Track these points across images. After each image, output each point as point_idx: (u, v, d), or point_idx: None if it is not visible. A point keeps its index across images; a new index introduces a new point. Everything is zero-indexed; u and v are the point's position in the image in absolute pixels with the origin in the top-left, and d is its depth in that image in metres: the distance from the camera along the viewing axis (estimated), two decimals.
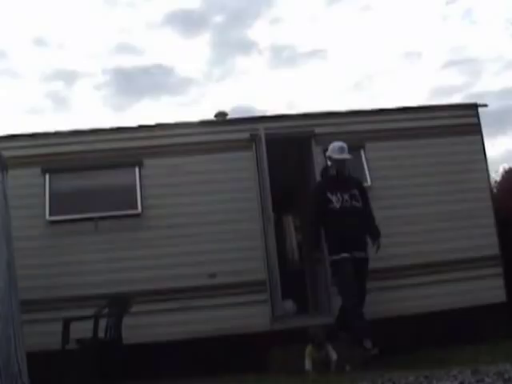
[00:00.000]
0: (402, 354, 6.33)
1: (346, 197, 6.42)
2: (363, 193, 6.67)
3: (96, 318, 6.24)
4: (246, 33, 31.88)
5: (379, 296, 7.14)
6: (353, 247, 6.27)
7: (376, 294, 6.93)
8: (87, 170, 7.77)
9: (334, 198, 6.39)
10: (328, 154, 6.72)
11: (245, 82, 33.81)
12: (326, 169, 6.84)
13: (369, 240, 6.56)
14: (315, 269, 8.44)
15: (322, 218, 6.48)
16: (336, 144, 6.62)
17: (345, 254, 6.23)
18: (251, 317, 7.36)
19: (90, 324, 6.12)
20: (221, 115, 8.72)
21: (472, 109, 8.44)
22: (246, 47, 31.12)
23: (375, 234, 6.54)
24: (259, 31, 31.29)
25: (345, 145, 6.63)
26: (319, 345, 5.96)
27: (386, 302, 7.28)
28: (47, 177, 7.68)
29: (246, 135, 7.99)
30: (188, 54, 30.38)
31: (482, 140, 8.39)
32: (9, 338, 5.49)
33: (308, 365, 5.88)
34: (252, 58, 32.09)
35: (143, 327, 6.96)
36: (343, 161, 6.59)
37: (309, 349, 5.98)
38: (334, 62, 32.18)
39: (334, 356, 5.89)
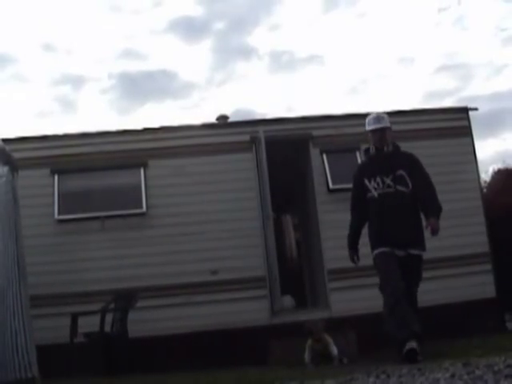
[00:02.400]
0: (395, 347, 6.31)
1: (388, 181, 4.82)
2: (415, 170, 4.91)
3: (103, 312, 6.25)
4: (246, 39, 31.90)
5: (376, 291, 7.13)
6: (394, 243, 4.75)
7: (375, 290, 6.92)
8: (94, 171, 7.78)
9: (371, 185, 4.89)
10: (366, 129, 5.10)
11: (245, 87, 33.83)
12: (366, 150, 5.17)
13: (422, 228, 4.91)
14: (313, 265, 8.44)
15: (360, 212, 5.07)
16: (371, 115, 5.09)
17: (383, 249, 4.78)
18: (251, 311, 7.35)
19: (96, 318, 6.13)
20: (222, 118, 8.72)
21: (463, 112, 8.44)
22: (246, 53, 31.13)
23: (431, 210, 4.74)
24: (259, 37, 31.31)
25: (382, 114, 5.11)
26: (318, 338, 5.95)
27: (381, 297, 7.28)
28: (56, 177, 7.69)
29: (246, 137, 7.99)
30: (190, 60, 30.40)
31: (473, 142, 8.39)
32: (18, 331, 5.49)
33: (307, 357, 5.87)
34: (252, 63, 32.10)
35: (148, 321, 6.96)
36: (380, 132, 4.94)
37: (309, 342, 5.97)
38: (330, 67, 32.20)
39: (334, 351, 5.86)
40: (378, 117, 5.03)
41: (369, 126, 5.02)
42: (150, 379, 4.54)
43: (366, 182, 4.93)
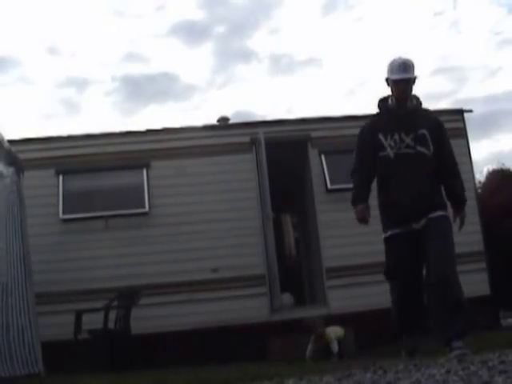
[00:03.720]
0: (392, 344, 6.32)
1: (408, 140, 3.82)
2: (439, 134, 3.95)
3: (106, 310, 6.24)
4: (246, 42, 31.89)
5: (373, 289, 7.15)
6: (412, 216, 3.77)
7: (371, 288, 6.93)
8: (98, 172, 7.78)
9: (387, 142, 3.85)
10: (386, 76, 3.98)
11: (245, 89, 33.83)
12: (383, 100, 4.04)
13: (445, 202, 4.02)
14: (312, 264, 8.44)
15: (368, 172, 3.98)
16: (396, 60, 3.93)
17: (395, 230, 3.81)
18: (251, 309, 7.36)
19: (100, 316, 6.13)
20: (223, 120, 8.72)
21: (458, 114, 8.44)
22: (247, 56, 31.11)
23: (457, 200, 3.98)
24: (259, 41, 31.30)
25: (410, 61, 3.95)
26: (320, 335, 5.99)
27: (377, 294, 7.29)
28: (61, 178, 7.69)
29: (246, 139, 8.00)
30: (192, 63, 30.40)
31: (468, 143, 8.39)
32: (24, 328, 5.50)
33: (308, 352, 5.91)
34: (252, 66, 32.09)
35: (150, 319, 6.96)
36: (405, 83, 3.87)
37: (312, 338, 6.02)
38: (329, 69, 32.19)
39: (335, 348, 5.91)
40: (406, 64, 3.87)
41: (393, 75, 3.87)
42: (152, 375, 4.54)
43: (381, 137, 3.86)
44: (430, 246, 3.68)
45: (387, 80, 3.96)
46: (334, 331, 6.15)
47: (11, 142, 6.17)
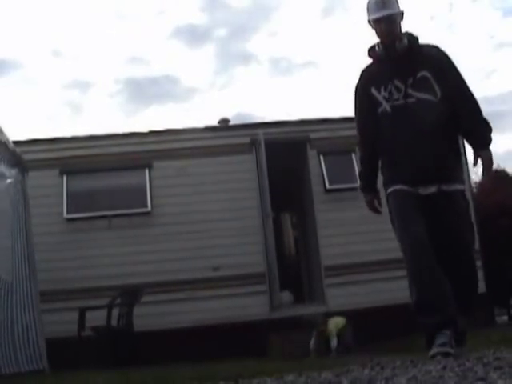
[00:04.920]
0: (390, 341, 6.32)
1: (405, 87, 3.07)
2: (446, 72, 3.09)
3: (109, 307, 6.24)
4: (246, 45, 31.94)
5: (371, 287, 7.16)
6: (416, 176, 3.01)
7: (369, 286, 6.94)
8: (101, 172, 7.78)
9: (381, 95, 3.13)
10: (367, 18, 3.22)
11: (245, 91, 33.86)
12: (372, 48, 3.28)
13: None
14: (310, 262, 8.44)
15: (369, 135, 3.27)
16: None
17: (399, 186, 3.05)
18: (251, 306, 7.36)
19: (103, 313, 6.12)
20: (223, 121, 8.72)
21: None
22: (247, 58, 31.16)
23: (480, 138, 3.07)
24: (258, 44, 31.34)
25: None
26: (322, 330, 6.04)
27: (376, 292, 7.29)
28: (65, 178, 7.69)
29: (246, 140, 8.00)
30: (193, 65, 30.42)
31: (464, 144, 8.36)
32: (29, 325, 5.50)
33: (312, 345, 5.96)
34: (252, 68, 32.14)
35: (152, 316, 6.96)
36: (387, 21, 3.11)
37: (314, 333, 6.08)
38: (327, 71, 32.21)
39: (333, 344, 5.96)
40: (383, 0, 3.13)
41: (371, 14, 3.16)
42: (154, 371, 4.54)
43: (374, 91, 3.15)
44: (444, 233, 2.94)
45: (369, 23, 3.21)
46: (336, 323, 6.20)
47: (16, 142, 6.17)
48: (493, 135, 2.93)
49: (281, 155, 8.15)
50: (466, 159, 8.28)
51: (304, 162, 8.20)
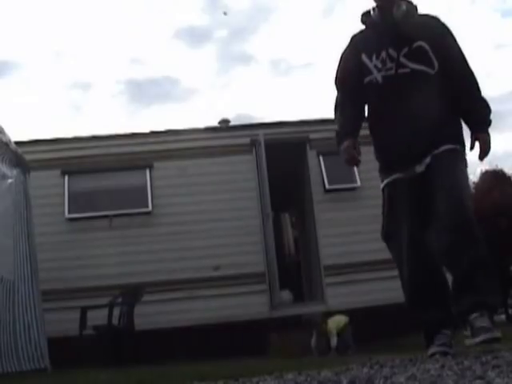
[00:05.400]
0: (389, 340, 6.33)
1: (399, 56, 2.76)
2: (445, 44, 2.81)
3: (110, 306, 6.24)
4: (246, 46, 31.92)
5: (370, 286, 7.16)
6: (412, 156, 2.73)
7: (368, 285, 6.93)
8: (103, 172, 7.78)
9: (372, 64, 2.79)
10: None
11: (245, 92, 33.84)
12: (366, 13, 2.98)
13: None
14: (310, 262, 8.44)
15: (355, 103, 2.92)
16: None
17: (394, 176, 2.80)
18: (251, 305, 7.35)
19: (104, 312, 6.12)
20: (224, 122, 8.72)
21: None
22: (247, 59, 31.15)
23: (477, 119, 2.81)
24: (258, 45, 31.34)
25: None
26: (322, 330, 6.05)
27: (375, 291, 7.29)
28: (66, 178, 7.69)
29: (246, 140, 7.99)
30: (193, 66, 30.41)
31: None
32: (31, 324, 5.50)
33: (313, 343, 5.97)
34: (252, 69, 32.13)
35: (153, 315, 6.95)
36: None
37: (315, 332, 6.09)
38: (327, 72, 32.22)
39: (333, 343, 5.98)
40: None
41: None
42: (155, 369, 4.54)
43: (365, 58, 2.81)
44: (435, 191, 2.59)
45: None
46: (337, 322, 6.21)
47: (18, 143, 6.17)
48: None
49: (280, 155, 8.15)
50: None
51: (303, 162, 8.20)
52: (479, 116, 2.80)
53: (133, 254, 7.33)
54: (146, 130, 8.13)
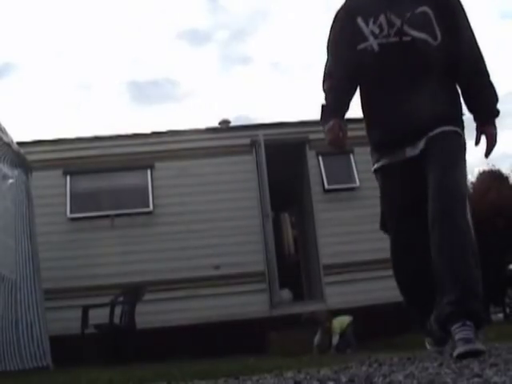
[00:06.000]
0: (387, 338, 6.33)
1: (399, 22, 2.39)
2: (450, 12, 2.44)
3: (112, 305, 6.24)
4: (246, 47, 31.95)
5: (369, 285, 7.16)
6: (405, 138, 2.38)
7: (367, 284, 6.93)
8: (104, 172, 7.78)
9: (369, 29, 2.43)
10: None
11: (245, 93, 33.87)
12: None
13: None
14: (309, 261, 8.44)
15: (345, 76, 2.50)
16: None
17: (385, 160, 2.48)
18: (251, 304, 7.35)
19: (106, 311, 6.12)
20: (224, 123, 8.72)
21: None
22: (247, 61, 31.16)
23: (483, 107, 2.46)
24: (258, 46, 31.35)
25: None
26: (326, 328, 6.07)
27: (374, 290, 7.29)
28: (68, 178, 7.69)
29: (246, 141, 8.00)
30: (194, 67, 30.43)
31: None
32: (33, 323, 5.50)
33: (316, 341, 5.99)
34: (252, 70, 32.14)
35: (154, 314, 6.95)
36: None
37: (319, 329, 6.12)
38: None
39: (334, 341, 6.01)
40: None
41: None
42: (156, 367, 4.54)
43: (360, 22, 2.43)
44: (429, 177, 2.27)
45: None
46: (341, 322, 6.22)
47: (21, 143, 6.17)
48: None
49: (280, 156, 8.16)
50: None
51: (303, 162, 8.20)
52: (486, 105, 2.43)
53: (134, 254, 7.33)
54: (147, 131, 8.14)
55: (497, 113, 2.43)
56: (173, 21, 29.66)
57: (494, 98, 2.43)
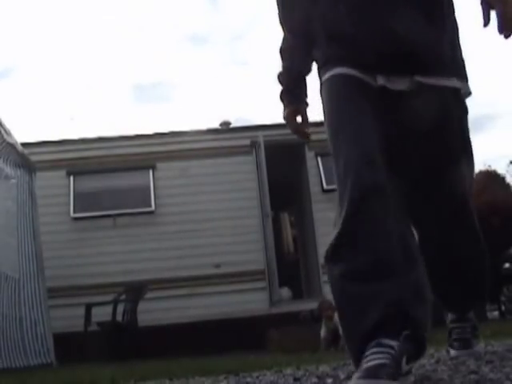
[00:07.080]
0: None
1: None
2: None
3: (114, 303, 6.24)
4: (246, 49, 31.93)
5: None
6: (377, 59, 1.47)
7: None
8: (107, 173, 7.78)
9: None
10: None
11: (246, 94, 33.85)
12: None
13: None
14: (308, 260, 8.44)
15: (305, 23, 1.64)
16: None
17: (342, 69, 1.53)
18: (251, 302, 7.35)
19: (109, 309, 6.12)
20: (225, 124, 8.72)
21: None
22: (247, 62, 31.15)
23: None
24: (258, 47, 31.34)
25: None
26: (330, 317, 6.04)
27: None
28: (71, 178, 7.69)
29: (247, 142, 8.00)
30: (195, 69, 30.43)
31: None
32: (37, 320, 5.50)
33: (322, 334, 5.97)
34: (252, 71, 32.13)
35: (156, 311, 6.95)
36: None
37: (324, 320, 6.09)
38: None
39: (341, 331, 5.96)
40: None
41: None
42: (157, 364, 4.54)
43: None
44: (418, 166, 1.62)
45: None
46: None
47: (25, 144, 6.17)
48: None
49: (280, 156, 8.15)
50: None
51: (302, 163, 8.20)
52: None
53: (136, 253, 7.32)
54: (149, 132, 8.13)
55: None
56: (174, 23, 29.65)
57: None
